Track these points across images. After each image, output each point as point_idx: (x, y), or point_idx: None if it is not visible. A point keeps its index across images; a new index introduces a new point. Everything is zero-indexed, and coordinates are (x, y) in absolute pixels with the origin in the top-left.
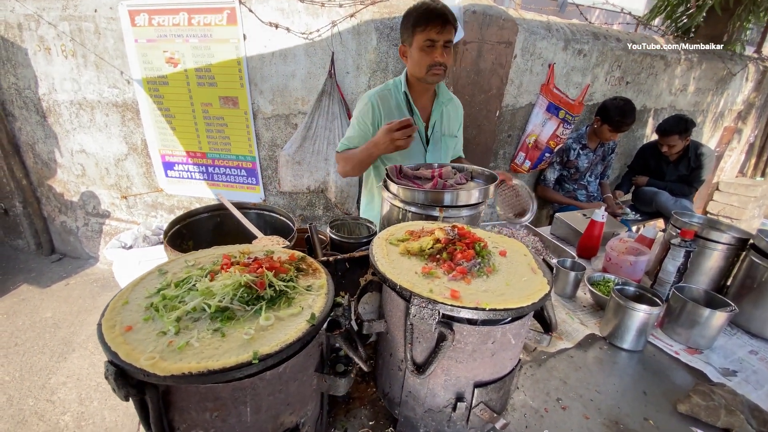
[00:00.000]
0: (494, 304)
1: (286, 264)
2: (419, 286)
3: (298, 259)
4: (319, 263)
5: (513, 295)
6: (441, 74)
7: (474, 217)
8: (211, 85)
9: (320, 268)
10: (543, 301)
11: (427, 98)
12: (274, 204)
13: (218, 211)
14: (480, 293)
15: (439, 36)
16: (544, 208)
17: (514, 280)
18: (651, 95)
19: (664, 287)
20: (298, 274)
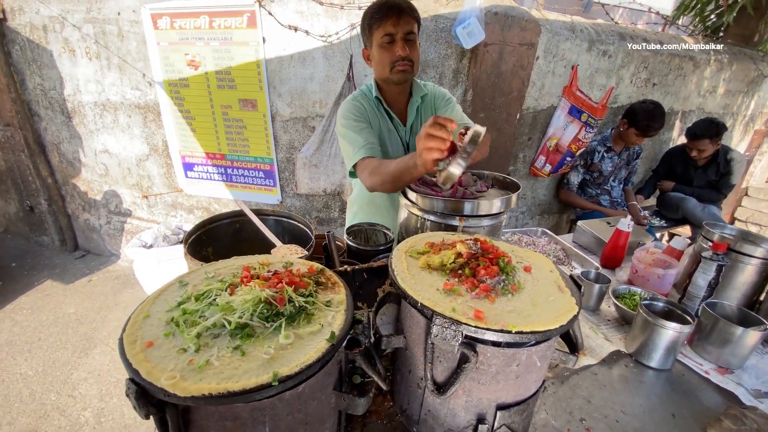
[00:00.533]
0: (521, 327)
1: (305, 278)
2: (441, 305)
3: (317, 271)
4: (338, 276)
5: (540, 317)
6: (408, 70)
7: (495, 227)
8: (230, 88)
9: (339, 282)
10: (571, 324)
11: (401, 103)
12: (291, 206)
13: (237, 218)
14: (505, 314)
15: (397, 28)
16: (565, 212)
17: (540, 299)
18: (679, 97)
19: (694, 302)
20: (317, 288)
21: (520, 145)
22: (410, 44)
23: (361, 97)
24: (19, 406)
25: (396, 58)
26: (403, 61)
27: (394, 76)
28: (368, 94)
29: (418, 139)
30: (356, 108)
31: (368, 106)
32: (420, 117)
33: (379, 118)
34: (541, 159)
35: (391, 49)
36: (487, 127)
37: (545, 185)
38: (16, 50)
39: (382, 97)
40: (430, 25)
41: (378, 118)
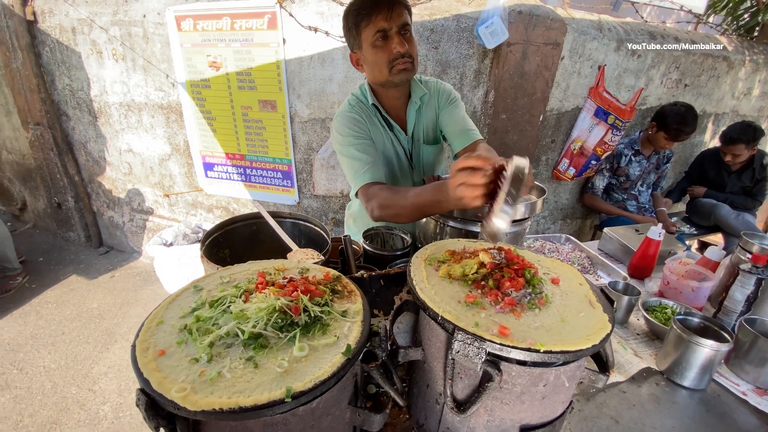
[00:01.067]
0: (549, 345)
1: (321, 286)
2: (464, 319)
3: (334, 279)
4: (355, 284)
5: (570, 334)
6: (409, 68)
7: (518, 234)
8: (251, 89)
9: (356, 290)
10: (604, 343)
11: (401, 105)
12: (308, 207)
13: (254, 220)
14: (532, 330)
15: (390, 22)
16: (589, 217)
17: (570, 315)
18: (711, 99)
19: (730, 317)
20: (333, 297)
21: (543, 148)
22: (407, 38)
23: (358, 107)
24: (41, 399)
25: (394, 56)
26: (403, 58)
27: (395, 77)
28: (363, 102)
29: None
30: (354, 121)
31: (365, 117)
32: (422, 120)
33: (379, 128)
34: (565, 162)
35: (386, 46)
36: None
37: (568, 189)
38: (46, 52)
39: (379, 103)
40: (451, 24)
41: (378, 128)
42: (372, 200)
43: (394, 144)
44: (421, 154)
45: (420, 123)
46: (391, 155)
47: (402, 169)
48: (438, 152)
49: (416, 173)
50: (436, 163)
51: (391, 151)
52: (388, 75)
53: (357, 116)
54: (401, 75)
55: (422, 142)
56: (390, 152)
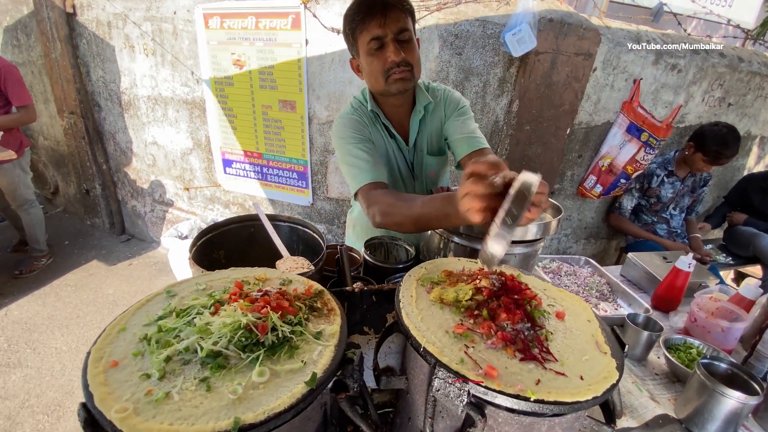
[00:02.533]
0: (542, 393)
1: (298, 302)
2: (448, 353)
3: (315, 294)
4: (337, 302)
5: (569, 382)
6: (407, 77)
7: (528, 257)
8: (272, 88)
9: (336, 309)
10: (607, 395)
11: (404, 113)
12: (321, 208)
13: (252, 222)
14: (525, 373)
15: (385, 29)
16: (614, 239)
17: (572, 357)
18: (758, 120)
19: (763, 363)
20: (310, 315)
21: (569, 163)
22: (405, 45)
23: (360, 110)
24: (49, 380)
25: (389, 65)
26: (399, 66)
27: (392, 86)
28: (364, 107)
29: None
30: (356, 123)
31: (366, 120)
32: (426, 130)
33: (380, 134)
34: (592, 179)
35: (381, 55)
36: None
37: (594, 208)
38: (83, 44)
39: (380, 110)
40: (477, 30)
41: (379, 133)
42: (374, 206)
43: (395, 152)
44: (424, 165)
45: (424, 133)
46: (392, 163)
47: (403, 178)
48: (442, 164)
49: (418, 184)
50: (440, 174)
51: (392, 159)
52: (384, 84)
53: (358, 118)
54: (398, 84)
55: (425, 153)
56: (391, 160)
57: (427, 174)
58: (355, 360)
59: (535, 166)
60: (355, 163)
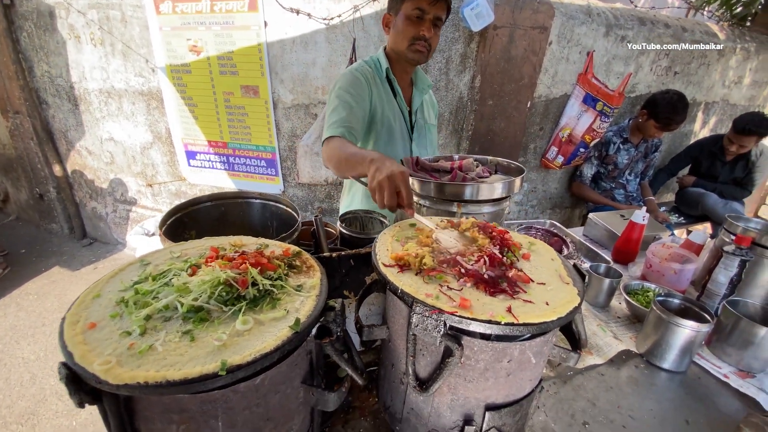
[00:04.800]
0: (511, 318)
1: (277, 260)
2: (425, 291)
3: (293, 254)
4: (316, 260)
5: (535, 308)
6: (424, 53)
7: (496, 214)
8: (232, 74)
9: (315, 266)
10: (571, 316)
11: (405, 83)
12: (293, 195)
13: (222, 200)
14: (496, 303)
15: (431, 8)
16: (577, 207)
17: (537, 289)
18: (702, 87)
19: (713, 300)
20: (290, 272)
21: (531, 136)
22: (435, 29)
23: (365, 70)
24: (19, 390)
25: (419, 36)
26: (424, 42)
27: (410, 53)
28: (375, 66)
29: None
30: (354, 80)
31: (371, 80)
32: (424, 108)
33: (383, 93)
34: (553, 150)
35: (417, 25)
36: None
37: (557, 178)
38: (24, 37)
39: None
40: None
41: (382, 91)
42: (328, 146)
43: (395, 112)
44: (426, 132)
45: (423, 108)
46: (392, 120)
47: (403, 135)
48: (436, 136)
49: (415, 145)
50: (434, 142)
51: (393, 117)
52: (405, 49)
53: (361, 77)
54: (415, 55)
55: (425, 122)
56: (391, 117)
57: (424, 138)
58: (336, 307)
59: (500, 140)
60: (332, 115)
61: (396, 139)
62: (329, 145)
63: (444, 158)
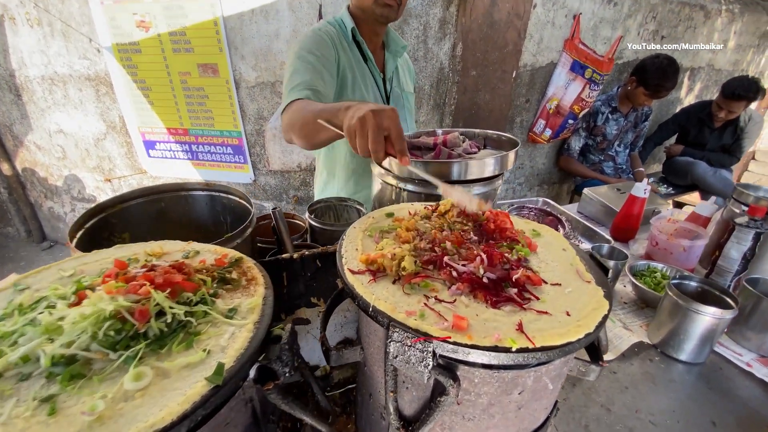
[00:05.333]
0: (525, 340)
1: (201, 276)
2: (405, 308)
3: (230, 263)
4: (260, 269)
5: (554, 322)
6: (393, 7)
7: (488, 195)
8: (187, 51)
9: (258, 278)
10: (601, 328)
11: (375, 45)
12: (265, 184)
13: (159, 195)
14: (501, 318)
15: None
16: (565, 182)
17: (552, 292)
18: (688, 53)
19: (725, 278)
20: (222, 289)
21: (518, 109)
22: None
23: (330, 30)
24: None
25: None
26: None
27: (378, 9)
28: (340, 27)
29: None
30: (320, 42)
31: (336, 41)
32: (399, 74)
33: (352, 55)
34: (541, 123)
35: None
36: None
37: (544, 153)
38: None
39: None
40: None
41: (350, 55)
42: (285, 120)
43: (366, 77)
44: (402, 100)
45: (398, 74)
46: (365, 89)
47: None
48: (413, 104)
49: None
50: (412, 111)
51: (365, 86)
52: (372, 3)
53: (325, 37)
54: (384, 10)
55: (404, 90)
56: (363, 86)
57: (402, 109)
58: (284, 336)
59: (485, 114)
60: (293, 78)
61: None
62: (290, 111)
63: (426, 134)
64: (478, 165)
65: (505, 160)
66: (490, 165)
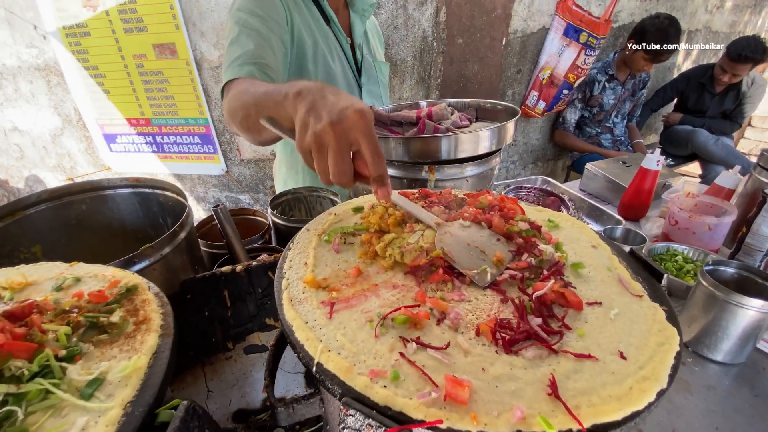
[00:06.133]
0: (565, 417)
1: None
2: (369, 364)
3: (118, 296)
4: (160, 303)
5: (603, 370)
6: None
7: (483, 178)
8: (140, 30)
9: (152, 319)
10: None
11: (338, 2)
12: (240, 175)
13: (72, 196)
14: (522, 372)
15: None
16: (560, 158)
17: (591, 315)
18: (685, 14)
19: (755, 258)
20: (91, 341)
21: (509, 80)
22: None
23: None
24: None
25: None
26: None
27: None
28: None
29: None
30: (278, 2)
31: (287, 1)
32: (369, 37)
33: (309, 17)
34: (534, 95)
35: None
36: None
37: (538, 128)
38: None
39: None
40: None
41: (308, 18)
42: (226, 106)
43: (334, 45)
44: (374, 70)
45: (367, 39)
46: (330, 58)
47: (347, 79)
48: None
49: (365, 93)
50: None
51: (330, 54)
52: None
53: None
54: None
55: (376, 59)
56: (328, 54)
57: (375, 83)
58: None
59: (474, 87)
60: (232, 50)
61: (338, 85)
62: (230, 94)
63: (408, 106)
64: (471, 140)
65: (502, 132)
66: (485, 139)
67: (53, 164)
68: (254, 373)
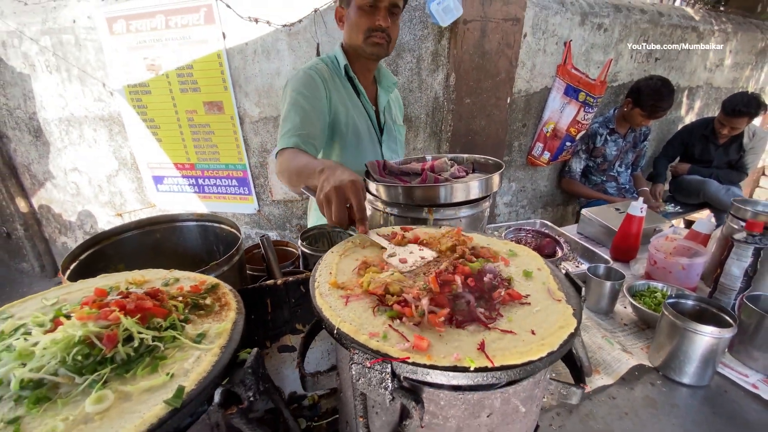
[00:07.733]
0: (484, 359)
1: (174, 302)
2: (369, 329)
3: (206, 289)
4: (234, 295)
5: (517, 341)
6: (383, 45)
7: (476, 218)
8: (194, 91)
9: (231, 303)
10: (566, 348)
11: (368, 81)
12: (269, 214)
13: (155, 226)
14: (464, 338)
15: None
16: (570, 204)
17: (520, 311)
18: (684, 72)
19: (729, 296)
20: (195, 314)
21: (514, 133)
22: (393, 18)
23: (321, 69)
24: None
25: (375, 27)
26: (381, 33)
27: (368, 47)
28: (333, 63)
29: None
30: (309, 80)
31: (328, 78)
32: (391, 108)
33: (345, 93)
34: (539, 146)
35: (371, 15)
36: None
37: (545, 175)
38: None
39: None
40: None
41: (343, 91)
42: (277, 167)
43: (359, 110)
44: (394, 132)
45: (390, 108)
46: (359, 123)
47: (371, 138)
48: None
49: (385, 148)
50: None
51: (359, 119)
52: (362, 42)
53: (316, 76)
54: (374, 48)
55: (394, 122)
56: (357, 119)
57: (393, 140)
58: (250, 360)
59: (481, 139)
60: (286, 124)
61: (364, 143)
62: (281, 159)
63: (416, 160)
64: (463, 188)
65: (489, 183)
66: (475, 187)
67: (105, 201)
68: (284, 370)
